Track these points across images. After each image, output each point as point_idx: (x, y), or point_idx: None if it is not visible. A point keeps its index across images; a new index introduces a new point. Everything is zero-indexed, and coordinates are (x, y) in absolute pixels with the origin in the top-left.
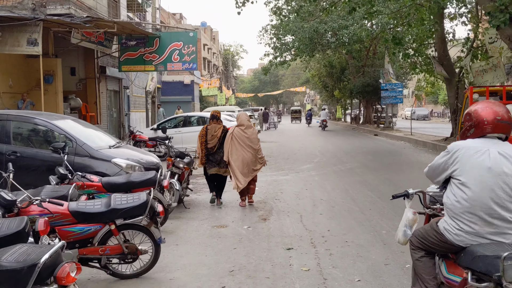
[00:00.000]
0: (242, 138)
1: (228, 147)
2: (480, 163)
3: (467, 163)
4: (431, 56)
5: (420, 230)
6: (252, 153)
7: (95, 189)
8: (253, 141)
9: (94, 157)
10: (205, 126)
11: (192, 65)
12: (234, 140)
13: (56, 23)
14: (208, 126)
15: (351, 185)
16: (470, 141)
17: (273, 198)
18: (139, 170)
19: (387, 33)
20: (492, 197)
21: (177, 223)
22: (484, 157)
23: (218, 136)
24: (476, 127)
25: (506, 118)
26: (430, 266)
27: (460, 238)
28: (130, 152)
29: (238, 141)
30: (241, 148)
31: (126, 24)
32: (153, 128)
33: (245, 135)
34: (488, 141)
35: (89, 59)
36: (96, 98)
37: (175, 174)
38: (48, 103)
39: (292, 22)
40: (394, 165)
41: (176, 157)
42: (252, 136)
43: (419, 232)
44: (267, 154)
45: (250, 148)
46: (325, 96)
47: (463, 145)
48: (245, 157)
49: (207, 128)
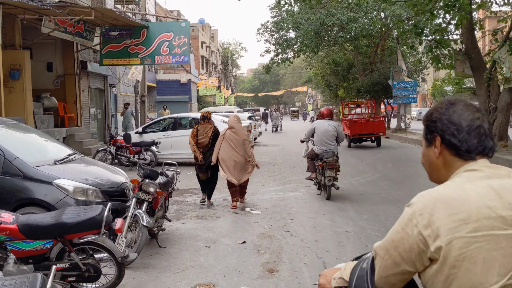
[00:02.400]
0: (233, 140)
1: (217, 149)
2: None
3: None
4: (454, 51)
5: (309, 151)
6: (243, 155)
7: (6, 234)
8: (244, 143)
9: (29, 177)
10: (196, 127)
11: (183, 58)
12: (225, 142)
13: (20, 8)
14: (199, 126)
15: (380, 207)
16: (320, 121)
17: (280, 229)
18: (93, 195)
19: (404, 23)
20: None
21: (141, 278)
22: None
23: (209, 135)
24: (320, 116)
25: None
26: (313, 163)
27: (317, 151)
28: (85, 169)
29: (229, 143)
30: (232, 150)
31: (107, 12)
32: (137, 132)
33: (236, 137)
34: (324, 121)
35: (68, 53)
36: (76, 97)
37: (144, 201)
38: (14, 103)
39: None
40: (423, 177)
41: (145, 177)
42: (243, 138)
43: (308, 152)
44: (270, 161)
45: (241, 151)
46: (328, 95)
47: (317, 122)
48: (236, 159)
49: (198, 128)
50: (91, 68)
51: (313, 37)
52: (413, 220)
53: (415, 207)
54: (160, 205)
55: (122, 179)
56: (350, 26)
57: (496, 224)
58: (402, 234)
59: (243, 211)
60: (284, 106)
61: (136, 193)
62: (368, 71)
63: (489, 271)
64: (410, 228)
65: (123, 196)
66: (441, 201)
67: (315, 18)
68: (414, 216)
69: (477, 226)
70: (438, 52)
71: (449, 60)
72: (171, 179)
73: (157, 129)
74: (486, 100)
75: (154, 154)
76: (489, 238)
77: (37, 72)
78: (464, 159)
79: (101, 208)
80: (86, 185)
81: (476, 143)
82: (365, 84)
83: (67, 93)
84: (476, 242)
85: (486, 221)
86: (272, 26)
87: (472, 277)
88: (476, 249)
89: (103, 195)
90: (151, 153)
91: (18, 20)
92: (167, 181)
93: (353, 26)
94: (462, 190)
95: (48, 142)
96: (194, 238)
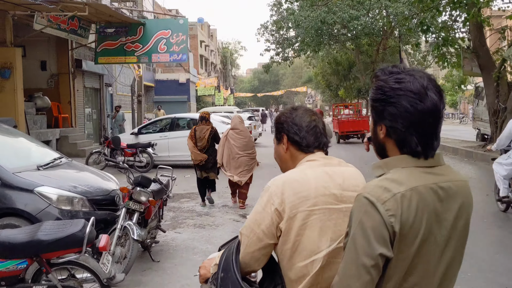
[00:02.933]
0: (236, 141)
1: (221, 150)
2: None
3: None
4: (462, 49)
5: None
6: (246, 156)
7: None
8: (247, 144)
9: (8, 184)
10: (193, 127)
11: (181, 56)
12: (228, 143)
13: (10, 3)
14: (196, 127)
15: None
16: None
17: None
18: (79, 204)
19: (409, 20)
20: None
21: None
22: None
23: (206, 137)
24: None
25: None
26: None
27: None
28: (71, 175)
29: (233, 144)
30: (235, 152)
31: (101, 8)
32: (133, 133)
33: (238, 137)
34: None
35: (62, 51)
36: (70, 97)
37: (135, 212)
38: (4, 103)
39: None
40: None
41: (136, 185)
42: (246, 139)
43: None
44: (272, 163)
45: (244, 152)
46: (328, 96)
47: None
48: (239, 160)
49: (195, 129)
50: (86, 67)
51: (314, 36)
52: (270, 200)
53: (271, 190)
54: (153, 214)
55: (113, 185)
56: (352, 24)
57: (330, 200)
58: (263, 213)
59: (244, 219)
60: (284, 106)
61: (126, 202)
62: (370, 71)
63: (324, 237)
64: (269, 207)
65: (113, 204)
66: (289, 183)
67: (315, 15)
68: (271, 197)
69: (316, 202)
70: (445, 50)
71: (456, 58)
72: (165, 186)
73: (153, 130)
74: (495, 101)
75: (150, 156)
76: (325, 211)
77: (30, 71)
78: (305, 152)
79: (83, 223)
80: (72, 193)
81: (313, 140)
82: (366, 84)
83: (61, 93)
84: (315, 214)
85: (322, 197)
86: (272, 25)
87: (312, 242)
88: (315, 220)
89: (91, 204)
90: (147, 155)
91: (9, 16)
92: (161, 188)
93: (355, 24)
94: (304, 174)
95: (32, 145)
96: (191, 251)
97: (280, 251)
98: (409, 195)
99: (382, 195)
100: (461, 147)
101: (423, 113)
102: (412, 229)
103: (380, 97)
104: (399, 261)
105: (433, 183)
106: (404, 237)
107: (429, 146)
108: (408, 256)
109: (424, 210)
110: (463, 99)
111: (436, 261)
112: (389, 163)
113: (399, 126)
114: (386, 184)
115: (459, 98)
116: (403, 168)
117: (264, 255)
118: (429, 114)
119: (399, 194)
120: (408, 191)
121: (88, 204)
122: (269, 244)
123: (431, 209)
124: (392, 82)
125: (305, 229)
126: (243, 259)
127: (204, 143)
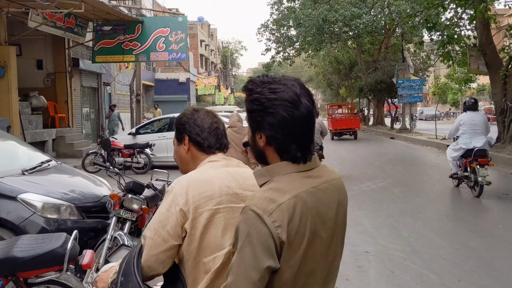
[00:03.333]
0: (234, 140)
1: None
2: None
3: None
4: (468, 47)
5: None
6: (244, 156)
7: None
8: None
9: None
10: None
11: (180, 54)
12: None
13: (4, 0)
14: None
15: (399, 219)
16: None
17: None
18: (67, 212)
19: (413, 18)
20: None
21: None
22: None
23: None
24: None
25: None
26: None
27: None
28: (59, 180)
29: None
30: (233, 150)
31: (98, 5)
32: (131, 133)
33: (237, 136)
34: None
35: (59, 50)
36: (67, 96)
37: (126, 221)
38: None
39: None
40: (439, 182)
41: (128, 191)
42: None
43: None
44: None
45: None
46: (329, 95)
47: None
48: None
49: None
50: (83, 66)
51: (315, 34)
52: (174, 201)
53: (175, 191)
54: (147, 223)
55: (104, 191)
56: (354, 22)
57: (233, 199)
58: (167, 214)
59: None
60: None
61: (116, 211)
62: (372, 70)
63: (227, 235)
64: (174, 208)
65: (105, 211)
66: (193, 183)
67: (317, 13)
68: (175, 198)
69: (220, 201)
70: (450, 48)
71: (462, 56)
72: (160, 192)
73: (151, 130)
74: (502, 99)
75: (148, 157)
76: (228, 210)
77: (26, 70)
78: (206, 153)
79: (64, 238)
80: (59, 199)
81: (215, 141)
82: (368, 83)
83: (57, 92)
84: (219, 213)
85: (226, 196)
86: (273, 24)
87: (216, 240)
88: (219, 218)
89: (79, 212)
90: (145, 156)
91: (3, 13)
92: (155, 194)
93: (357, 22)
94: (208, 174)
95: (18, 147)
96: None
97: (186, 251)
98: (293, 203)
99: (268, 207)
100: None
101: (299, 120)
102: (298, 235)
103: (258, 108)
104: (287, 268)
105: (313, 187)
106: (290, 245)
107: (307, 151)
108: (296, 261)
109: (308, 215)
110: (464, 98)
111: (323, 259)
112: (271, 170)
113: (279, 134)
114: (271, 194)
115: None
116: (285, 175)
117: (169, 257)
118: (305, 120)
119: (284, 204)
120: (292, 199)
121: (77, 212)
122: (174, 246)
123: (314, 212)
124: (268, 93)
125: (210, 227)
126: (147, 262)
127: None
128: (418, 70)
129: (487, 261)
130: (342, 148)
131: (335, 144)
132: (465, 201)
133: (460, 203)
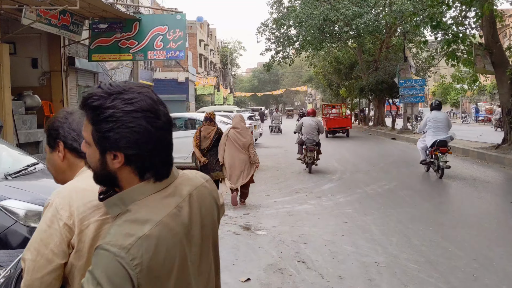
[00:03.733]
0: (237, 141)
1: (223, 148)
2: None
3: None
4: (474, 45)
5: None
6: (247, 155)
7: None
8: (247, 143)
9: None
10: (199, 128)
11: (178, 53)
12: (229, 142)
13: None
14: (202, 127)
15: (409, 226)
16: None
17: (293, 258)
18: None
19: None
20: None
21: None
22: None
23: (211, 138)
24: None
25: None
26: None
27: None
28: (46, 185)
29: (233, 143)
30: (236, 150)
31: (94, 2)
32: None
33: (240, 137)
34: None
35: (54, 48)
36: (62, 96)
37: None
38: None
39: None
40: (446, 185)
41: None
42: (247, 138)
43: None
44: (274, 165)
45: (245, 151)
46: (329, 95)
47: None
48: (240, 160)
49: (201, 129)
50: (79, 65)
51: (316, 33)
52: (56, 215)
53: (55, 204)
54: None
55: None
56: (355, 21)
57: None
58: (50, 231)
59: (246, 231)
60: (283, 105)
61: None
62: (372, 70)
63: None
64: (56, 223)
65: None
66: (76, 193)
67: (318, 12)
68: (57, 211)
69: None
70: (455, 47)
71: (467, 55)
72: None
73: None
74: (509, 99)
75: None
76: None
77: (21, 69)
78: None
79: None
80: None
81: None
82: (369, 83)
83: (53, 91)
84: (107, 223)
85: None
86: (273, 24)
87: None
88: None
89: None
90: None
91: None
92: None
93: (358, 21)
94: (91, 181)
95: (3, 149)
96: None
97: (74, 268)
98: (156, 233)
99: (124, 243)
100: (472, 149)
101: (162, 130)
102: (165, 265)
103: (114, 126)
104: None
105: (174, 207)
106: (158, 278)
107: (170, 163)
108: None
109: (174, 241)
110: (464, 98)
111: (195, 278)
112: (125, 198)
113: (144, 151)
114: (128, 228)
115: (461, 97)
116: (142, 200)
117: (55, 278)
118: (167, 130)
119: (144, 237)
120: (153, 228)
121: None
122: (60, 265)
123: (181, 236)
124: (123, 105)
125: (98, 240)
126: (30, 286)
127: (208, 143)
128: (419, 70)
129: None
130: (343, 149)
131: (335, 144)
132: (475, 207)
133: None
